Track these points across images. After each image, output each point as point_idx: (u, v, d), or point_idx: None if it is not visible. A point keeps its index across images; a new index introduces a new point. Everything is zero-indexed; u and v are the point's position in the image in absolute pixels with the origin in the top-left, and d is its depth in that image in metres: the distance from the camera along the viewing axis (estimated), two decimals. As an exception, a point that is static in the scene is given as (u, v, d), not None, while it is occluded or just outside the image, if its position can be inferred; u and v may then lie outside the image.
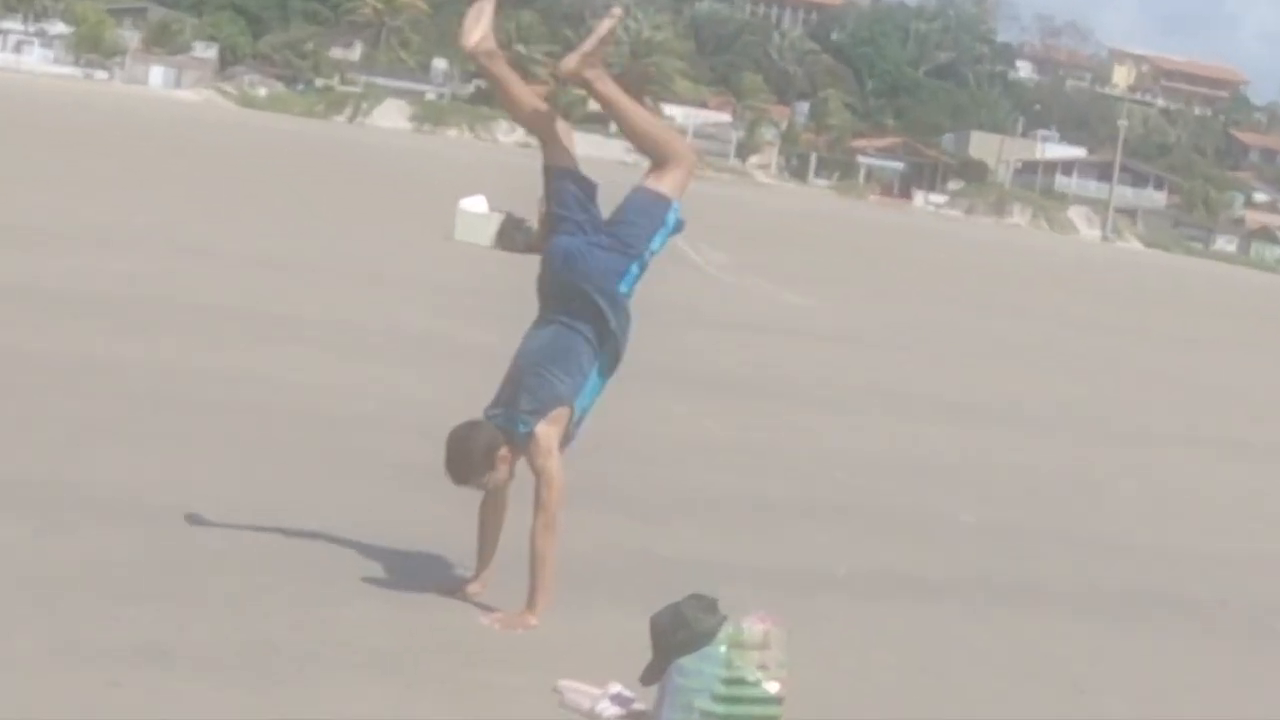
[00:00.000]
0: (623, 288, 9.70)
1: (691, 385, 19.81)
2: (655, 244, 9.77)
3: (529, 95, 10.25)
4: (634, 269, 9.71)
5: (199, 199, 38.76)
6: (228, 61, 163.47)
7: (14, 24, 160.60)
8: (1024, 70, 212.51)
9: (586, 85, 9.99)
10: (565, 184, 9.92)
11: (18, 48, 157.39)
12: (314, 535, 10.70)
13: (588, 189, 9.86)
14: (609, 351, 9.76)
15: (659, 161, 9.88)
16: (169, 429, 13.42)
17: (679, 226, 9.89)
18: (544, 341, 9.71)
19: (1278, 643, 12.32)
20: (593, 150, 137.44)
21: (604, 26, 10.11)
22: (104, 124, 69.67)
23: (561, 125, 10.15)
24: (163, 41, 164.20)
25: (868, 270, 52.32)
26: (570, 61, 9.96)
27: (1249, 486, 19.66)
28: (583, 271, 9.66)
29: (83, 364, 15.58)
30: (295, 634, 8.74)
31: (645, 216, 9.74)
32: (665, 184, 9.80)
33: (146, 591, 9.08)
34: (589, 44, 10.03)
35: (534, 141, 10.23)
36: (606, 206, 9.78)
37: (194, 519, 10.57)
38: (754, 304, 33.13)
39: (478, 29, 10.03)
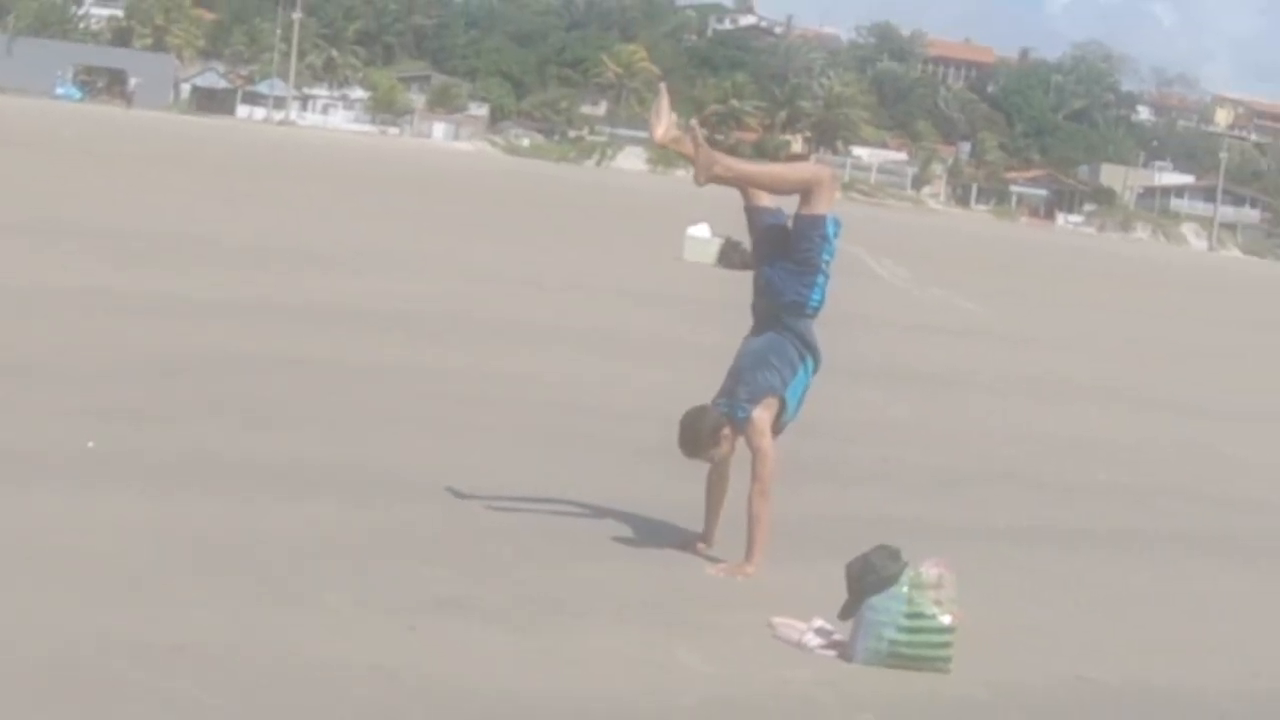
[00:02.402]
0: (815, 296, 9.72)
1: (882, 377, 19.71)
2: (827, 255, 9.73)
3: (732, 161, 10.21)
4: (820, 280, 9.71)
5: (476, 230, 39.02)
6: (497, 118, 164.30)
7: (321, 91, 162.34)
8: (1143, 113, 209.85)
9: (721, 181, 9.90)
10: (762, 219, 9.97)
11: (325, 110, 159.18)
12: (569, 506, 10.75)
13: (779, 220, 9.88)
14: (812, 352, 9.78)
15: (804, 194, 9.80)
16: (456, 420, 13.51)
17: (838, 230, 9.86)
18: (759, 344, 9.77)
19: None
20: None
21: (663, 101, 10.10)
22: (396, 171, 70.22)
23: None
24: (444, 102, 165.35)
25: (1023, 279, 51.80)
26: (699, 176, 9.85)
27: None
28: (779, 292, 9.73)
29: (383, 368, 15.70)
30: (561, 587, 8.79)
31: (809, 239, 9.68)
32: (815, 207, 9.70)
33: (438, 556, 9.16)
34: (664, 125, 10.04)
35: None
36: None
37: (472, 495, 10.64)
38: (931, 309, 32.87)
39: (660, 124, 10.07)
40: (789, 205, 9.91)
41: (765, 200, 10.01)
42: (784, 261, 9.73)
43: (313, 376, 14.72)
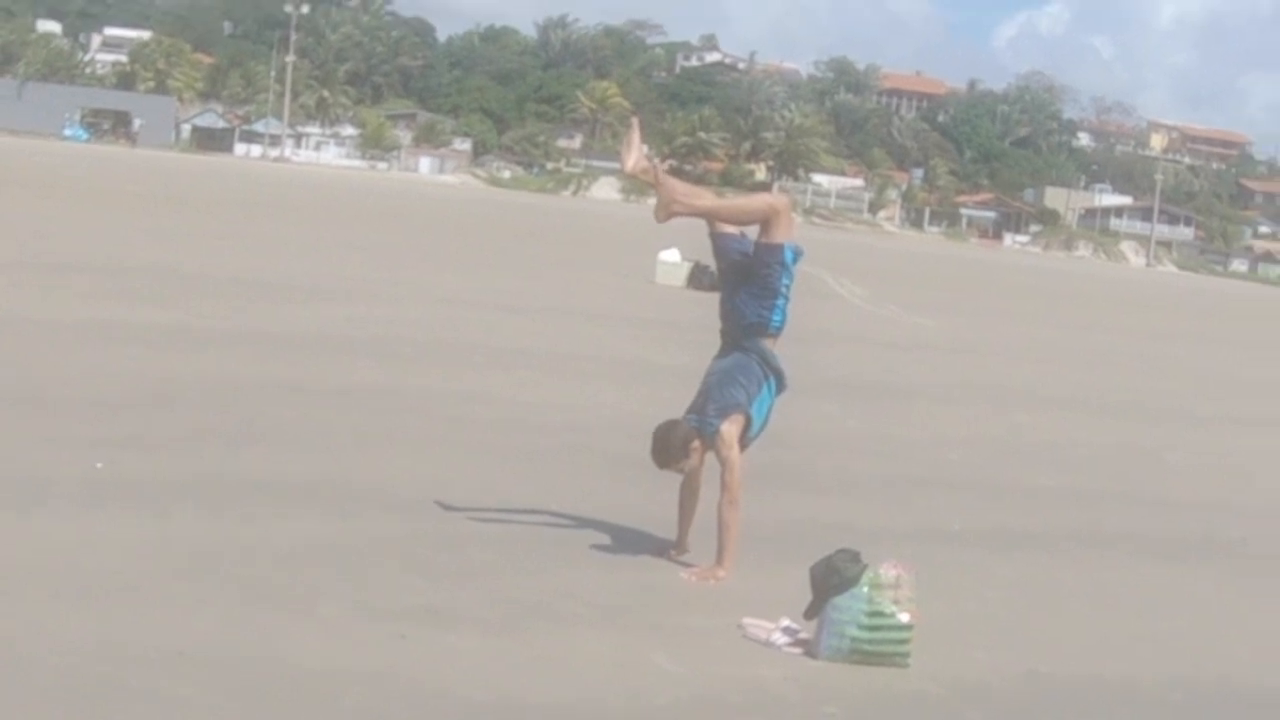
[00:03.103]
0: (776, 318, 9.77)
1: (842, 390, 19.69)
2: (786, 280, 9.76)
3: (690, 197, 10.20)
4: (780, 303, 9.75)
5: (459, 258, 38.99)
6: (479, 152, 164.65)
7: (314, 128, 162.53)
8: (1084, 139, 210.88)
9: (682, 215, 9.93)
10: (726, 245, 9.95)
11: (317, 146, 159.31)
12: (548, 517, 10.73)
13: (743, 247, 9.87)
14: (776, 374, 9.78)
15: (763, 223, 9.81)
16: (432, 438, 13.45)
17: (798, 257, 9.89)
18: (727, 363, 9.81)
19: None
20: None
21: (634, 135, 10.17)
22: (385, 204, 70.26)
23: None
24: (429, 138, 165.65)
25: (973, 295, 51.97)
26: (659, 213, 9.93)
27: (1266, 451, 19.58)
28: (743, 314, 9.78)
29: (368, 390, 15.62)
30: (541, 594, 8.77)
31: (768, 266, 9.69)
32: (773, 235, 9.72)
33: (424, 566, 9.12)
34: (635, 157, 10.11)
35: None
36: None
37: (455, 508, 10.62)
38: (888, 326, 32.91)
39: (631, 155, 10.12)
40: (752, 231, 9.89)
41: (729, 228, 10.00)
42: (746, 286, 9.76)
43: (302, 399, 14.66)
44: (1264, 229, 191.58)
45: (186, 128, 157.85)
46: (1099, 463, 16.72)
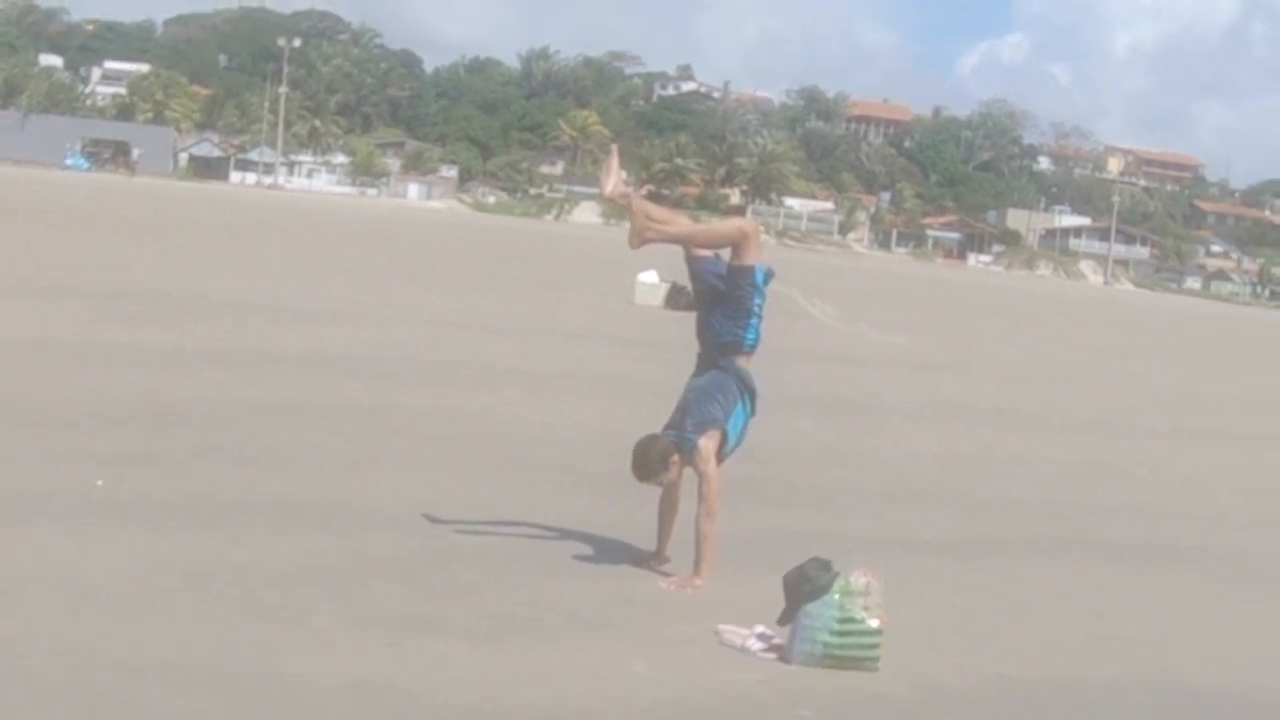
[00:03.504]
0: (750, 336, 9.80)
1: (814, 406, 19.64)
2: (758, 300, 9.79)
3: (663, 224, 10.20)
4: (753, 321, 9.78)
5: (445, 281, 38.94)
6: (465, 178, 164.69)
7: (306, 157, 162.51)
8: (1044, 163, 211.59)
9: (655, 241, 9.99)
10: (701, 267, 9.94)
11: (309, 174, 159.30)
12: (531, 530, 10.71)
13: (717, 269, 9.87)
14: (750, 392, 9.79)
15: (734, 247, 9.84)
16: (419, 456, 13.40)
17: (769, 278, 9.90)
18: (704, 381, 9.84)
19: (1242, 574, 12.28)
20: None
21: (613, 160, 10.24)
22: (374, 229, 70.12)
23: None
24: (417, 165, 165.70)
25: (940, 314, 51.99)
26: (632, 240, 10.02)
27: (1220, 463, 19.60)
28: (718, 334, 9.81)
29: (357, 410, 15.58)
30: (525, 604, 8.76)
31: (740, 287, 9.73)
32: (744, 258, 9.76)
33: (411, 579, 9.11)
34: (613, 182, 10.18)
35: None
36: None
37: (442, 523, 10.60)
38: (858, 344, 32.94)
39: (609, 180, 10.18)
40: (727, 253, 9.90)
41: (704, 251, 10.01)
42: (721, 307, 9.79)
43: (294, 420, 14.60)
44: (1216, 248, 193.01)
45: (184, 156, 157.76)
46: (1063, 476, 16.71)
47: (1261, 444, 22.45)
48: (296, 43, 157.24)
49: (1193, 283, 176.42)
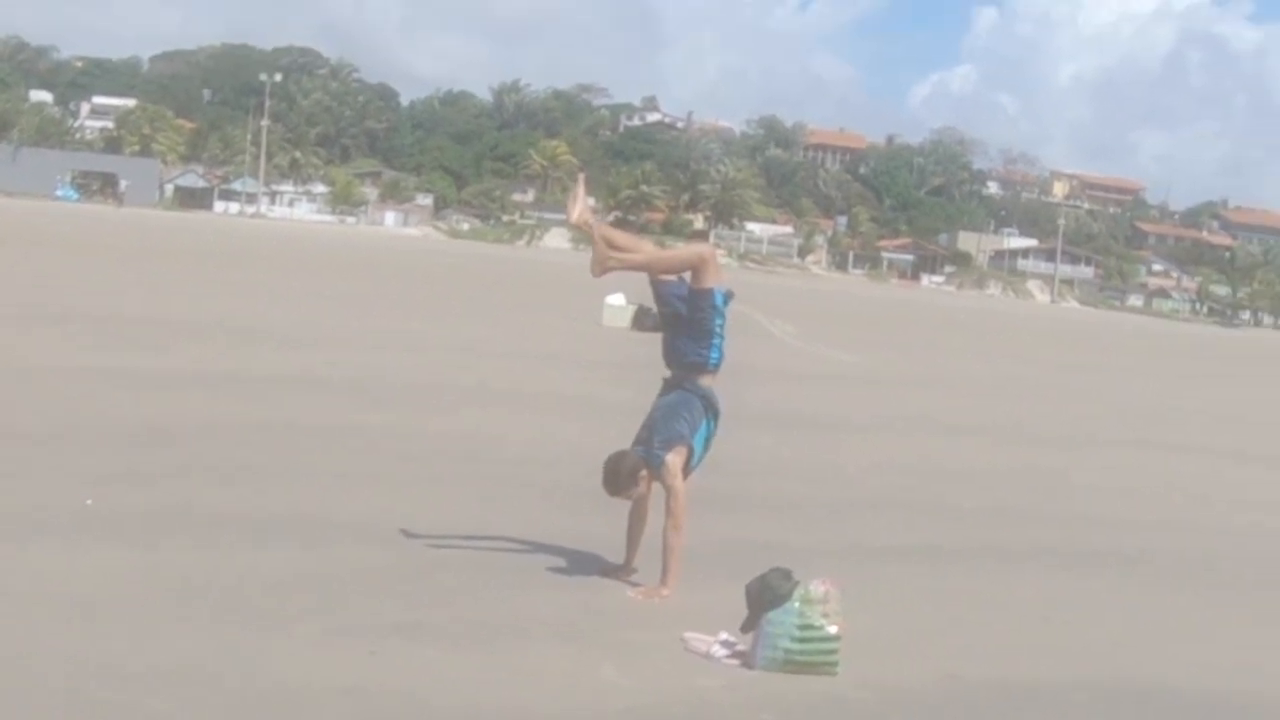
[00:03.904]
0: (714, 355, 9.84)
1: (774, 422, 19.66)
2: (719, 321, 9.84)
3: (625, 252, 10.25)
4: (715, 341, 9.82)
5: (420, 305, 38.91)
6: (440, 206, 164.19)
7: (287, 187, 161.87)
8: (993, 187, 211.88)
9: (617, 270, 10.04)
10: (665, 290, 9.99)
11: (291, 203, 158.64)
12: (508, 543, 10.72)
13: (679, 292, 9.91)
14: (714, 410, 9.83)
15: (694, 271, 9.87)
16: (401, 472, 13.39)
17: (728, 299, 9.94)
18: (670, 400, 9.86)
19: (1182, 579, 12.29)
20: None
21: (580, 188, 10.30)
22: (353, 256, 69.92)
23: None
24: (394, 194, 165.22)
25: (893, 333, 52.10)
26: (594, 269, 10.06)
27: (1162, 473, 19.58)
28: (683, 354, 9.87)
29: (337, 429, 15.58)
30: (500, 613, 8.79)
31: (701, 309, 9.77)
32: (703, 282, 9.79)
33: (392, 589, 9.13)
34: (579, 209, 10.20)
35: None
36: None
37: (424, 536, 10.61)
38: (816, 361, 32.99)
39: (575, 207, 10.22)
40: (690, 276, 9.93)
41: (667, 275, 10.03)
42: (684, 328, 9.81)
43: (277, 438, 14.61)
44: (1157, 267, 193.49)
45: (170, 187, 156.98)
46: (1012, 484, 16.77)
47: (1213, 456, 22.44)
48: (278, 78, 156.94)
49: (1135, 300, 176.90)
